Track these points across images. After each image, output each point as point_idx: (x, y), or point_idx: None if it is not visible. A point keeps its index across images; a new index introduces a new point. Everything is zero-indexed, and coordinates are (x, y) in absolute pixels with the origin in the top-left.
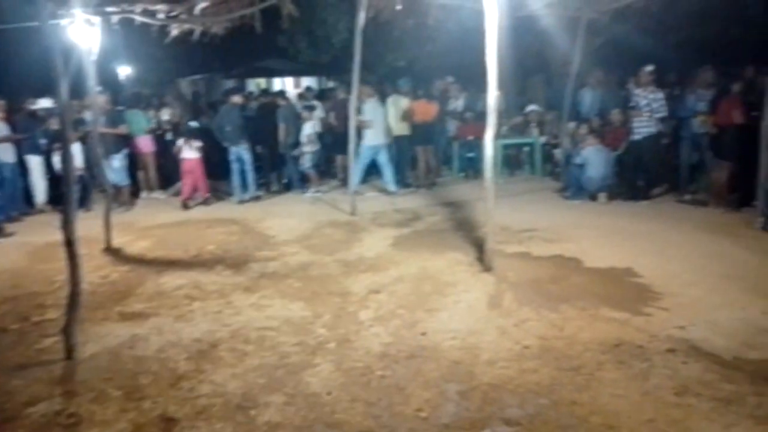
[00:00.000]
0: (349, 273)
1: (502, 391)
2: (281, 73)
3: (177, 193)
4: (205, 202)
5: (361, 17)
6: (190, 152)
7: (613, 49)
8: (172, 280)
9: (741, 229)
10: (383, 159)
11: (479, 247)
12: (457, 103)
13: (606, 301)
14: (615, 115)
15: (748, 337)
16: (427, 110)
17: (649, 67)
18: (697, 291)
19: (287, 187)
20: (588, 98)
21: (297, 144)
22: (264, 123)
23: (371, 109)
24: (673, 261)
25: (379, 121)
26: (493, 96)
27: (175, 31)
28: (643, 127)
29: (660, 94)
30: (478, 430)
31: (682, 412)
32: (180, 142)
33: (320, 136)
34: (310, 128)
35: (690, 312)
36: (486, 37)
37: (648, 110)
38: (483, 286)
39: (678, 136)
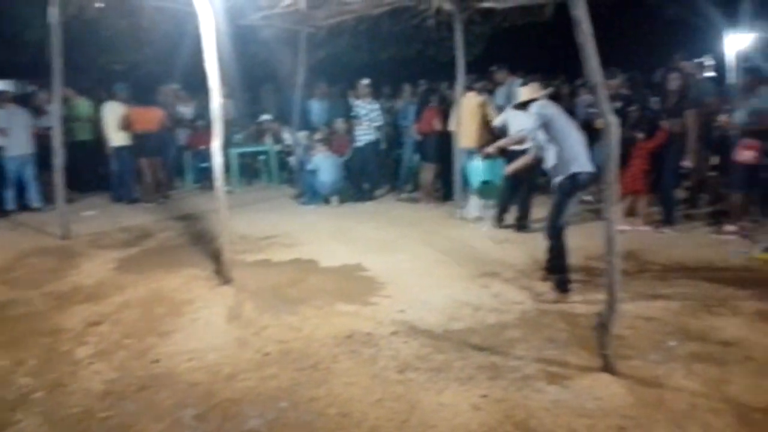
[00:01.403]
0: (61, 307)
1: (243, 403)
2: None
3: None
4: None
5: (54, 13)
6: None
7: (334, 62)
8: None
9: (445, 220)
10: (29, 173)
11: (217, 259)
12: (186, 111)
13: (340, 297)
14: (339, 124)
15: (453, 311)
16: (148, 118)
17: (366, 81)
18: (413, 277)
19: None
20: (316, 108)
21: None
22: None
23: (6, 115)
24: (393, 253)
25: (18, 129)
26: (217, 103)
27: None
28: (363, 134)
29: (376, 105)
30: None
31: (404, 387)
32: None
33: None
34: None
35: (408, 296)
36: (203, 42)
37: (367, 119)
38: (222, 299)
39: (400, 142)
